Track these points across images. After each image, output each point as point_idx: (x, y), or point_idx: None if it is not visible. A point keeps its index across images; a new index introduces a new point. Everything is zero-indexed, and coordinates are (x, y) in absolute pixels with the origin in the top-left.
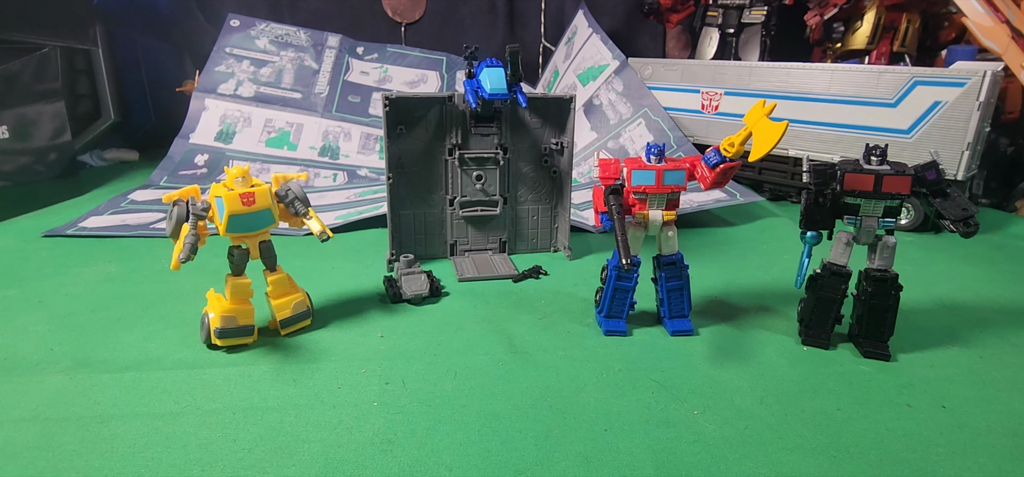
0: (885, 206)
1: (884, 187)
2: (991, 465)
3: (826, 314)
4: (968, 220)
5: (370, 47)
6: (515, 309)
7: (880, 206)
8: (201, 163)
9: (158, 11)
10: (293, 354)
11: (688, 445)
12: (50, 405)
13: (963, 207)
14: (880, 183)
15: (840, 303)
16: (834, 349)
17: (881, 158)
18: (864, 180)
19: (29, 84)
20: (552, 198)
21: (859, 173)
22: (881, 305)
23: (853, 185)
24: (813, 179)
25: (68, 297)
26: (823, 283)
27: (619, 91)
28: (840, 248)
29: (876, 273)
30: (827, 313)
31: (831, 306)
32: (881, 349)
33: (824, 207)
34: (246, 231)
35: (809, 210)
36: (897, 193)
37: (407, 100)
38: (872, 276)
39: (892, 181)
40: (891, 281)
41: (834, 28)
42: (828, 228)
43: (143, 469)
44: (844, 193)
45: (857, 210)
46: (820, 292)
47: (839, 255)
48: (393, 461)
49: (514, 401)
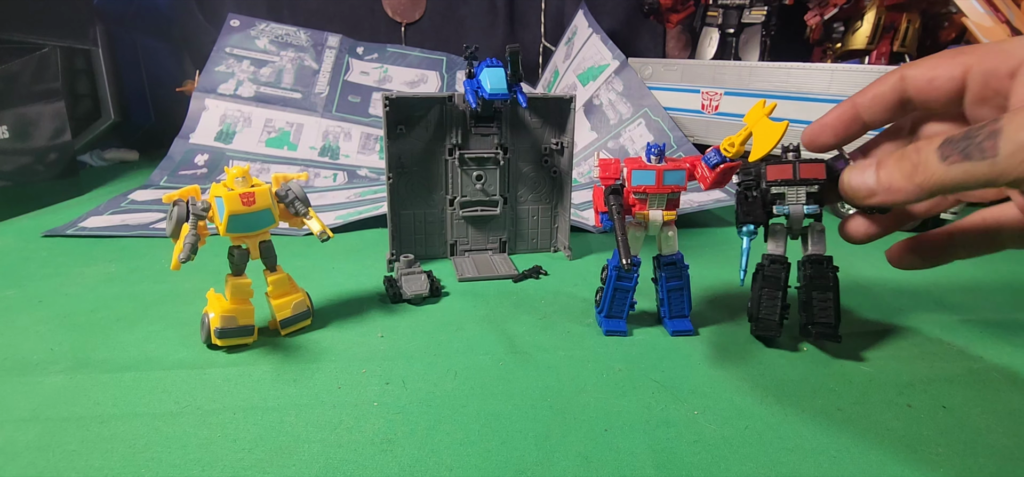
0: (807, 192)
1: (801, 173)
2: (991, 465)
3: (772, 301)
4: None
5: (370, 47)
6: (515, 309)
7: (803, 192)
8: (201, 163)
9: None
10: (293, 354)
11: (688, 445)
12: (50, 405)
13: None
14: (797, 170)
15: (784, 287)
16: (834, 349)
17: (796, 154)
18: (784, 169)
19: (29, 84)
20: (552, 198)
21: (780, 163)
22: (821, 286)
23: (775, 175)
24: (741, 176)
25: (68, 297)
26: (765, 271)
27: (619, 91)
28: (775, 239)
29: (813, 256)
30: (773, 300)
31: (776, 291)
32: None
33: (755, 201)
34: (246, 231)
35: (740, 205)
36: (814, 178)
37: (407, 100)
38: (810, 260)
39: (807, 168)
40: (827, 262)
41: (834, 28)
42: (761, 221)
43: (143, 469)
44: (769, 185)
45: (783, 198)
46: (764, 280)
47: (775, 246)
48: (393, 461)
49: (514, 401)
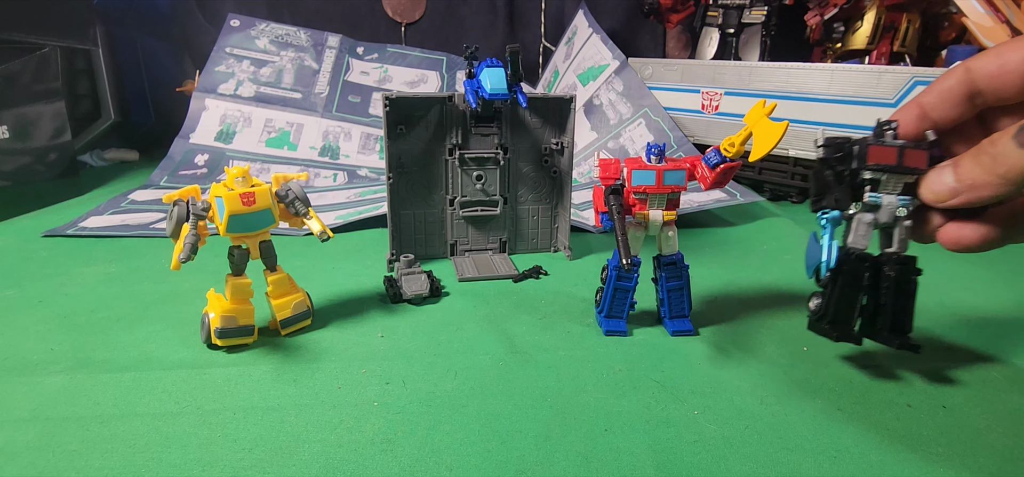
0: (904, 183)
1: (905, 160)
2: (991, 465)
3: (851, 303)
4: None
5: (370, 47)
6: (515, 309)
7: (901, 182)
8: (201, 163)
9: (158, 11)
10: (293, 354)
11: (688, 445)
12: (50, 405)
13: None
14: (903, 156)
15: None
16: (835, 350)
17: (895, 132)
18: (888, 153)
19: (29, 84)
20: (552, 198)
21: (883, 146)
22: (905, 291)
23: (878, 158)
24: (829, 153)
25: (68, 297)
26: (846, 266)
27: (619, 91)
28: (862, 230)
29: (898, 256)
30: (853, 303)
31: (857, 294)
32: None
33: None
34: (246, 231)
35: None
36: (916, 168)
37: (407, 100)
38: (895, 260)
39: (912, 155)
40: (912, 264)
41: (834, 28)
42: (844, 208)
43: (143, 469)
44: (864, 168)
45: (877, 187)
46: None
47: (861, 238)
48: (393, 461)
49: (514, 401)
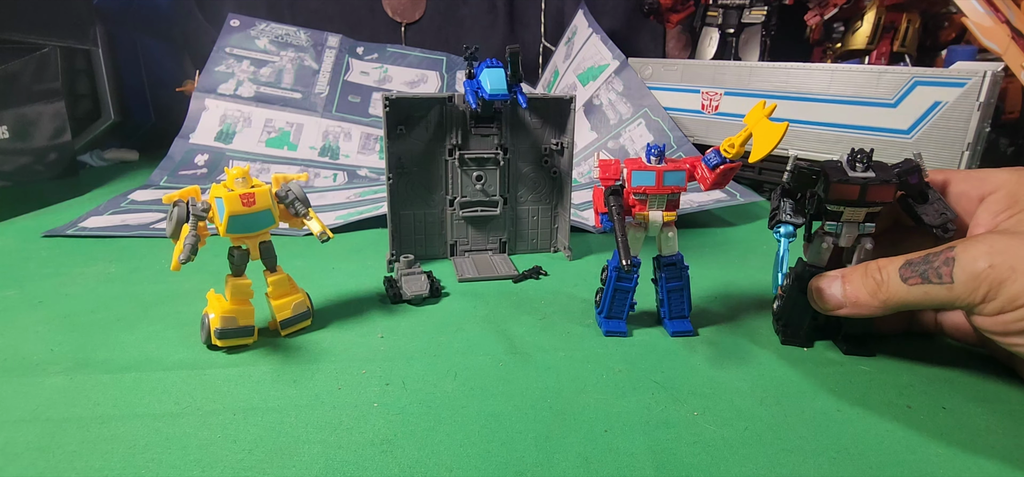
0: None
1: (869, 196)
2: (991, 465)
3: (804, 313)
4: (946, 225)
5: (370, 47)
6: (515, 310)
7: (862, 212)
8: (201, 163)
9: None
10: (293, 355)
11: (688, 446)
12: (50, 405)
13: (941, 212)
14: (865, 192)
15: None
16: (834, 351)
17: (866, 164)
18: (850, 190)
19: (29, 84)
20: (552, 198)
21: (845, 183)
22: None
23: (839, 195)
24: (793, 182)
25: (68, 297)
26: (802, 277)
27: (619, 91)
28: (820, 249)
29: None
30: (805, 310)
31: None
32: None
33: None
34: (246, 232)
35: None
36: (881, 201)
37: (407, 100)
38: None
39: (877, 191)
40: None
41: (834, 28)
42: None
43: (143, 469)
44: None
45: (839, 216)
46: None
47: (819, 256)
48: (393, 461)
49: (514, 402)
